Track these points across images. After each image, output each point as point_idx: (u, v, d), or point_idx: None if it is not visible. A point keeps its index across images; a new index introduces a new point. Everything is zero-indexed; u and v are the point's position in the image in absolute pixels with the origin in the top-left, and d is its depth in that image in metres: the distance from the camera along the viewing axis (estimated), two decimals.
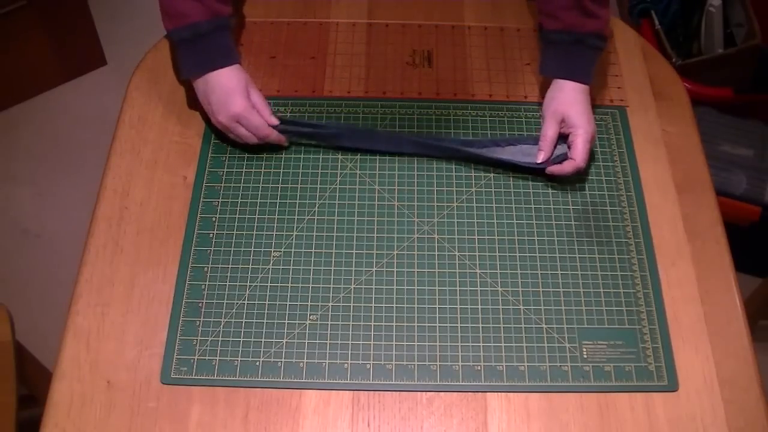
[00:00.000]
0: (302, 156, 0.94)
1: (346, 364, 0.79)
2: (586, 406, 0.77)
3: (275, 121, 0.92)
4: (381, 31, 1.07)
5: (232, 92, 0.89)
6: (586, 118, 0.91)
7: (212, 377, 0.78)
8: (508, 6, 1.09)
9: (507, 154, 0.92)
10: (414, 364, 0.79)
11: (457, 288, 0.84)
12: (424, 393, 0.78)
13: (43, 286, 1.63)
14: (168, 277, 0.84)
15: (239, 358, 0.79)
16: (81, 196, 1.72)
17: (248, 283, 0.84)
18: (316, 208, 0.89)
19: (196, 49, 0.90)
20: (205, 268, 0.85)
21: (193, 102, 0.98)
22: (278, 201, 0.90)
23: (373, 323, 0.81)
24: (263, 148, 0.93)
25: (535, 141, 0.92)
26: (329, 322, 0.82)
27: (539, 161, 0.90)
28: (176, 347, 0.80)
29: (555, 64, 0.94)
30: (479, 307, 0.83)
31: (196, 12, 0.89)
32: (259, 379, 0.78)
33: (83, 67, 1.97)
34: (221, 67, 0.90)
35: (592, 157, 0.93)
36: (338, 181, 0.92)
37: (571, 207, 0.90)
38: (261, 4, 1.09)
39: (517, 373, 0.79)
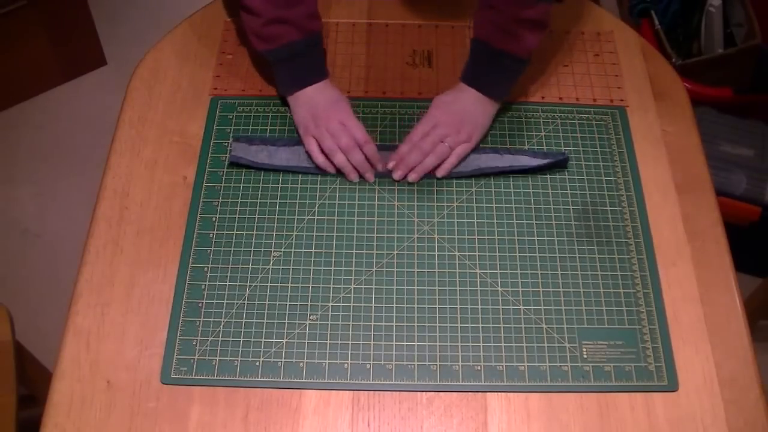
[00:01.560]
0: None
1: (346, 364, 0.79)
2: (586, 406, 0.77)
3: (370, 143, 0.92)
4: (381, 31, 1.07)
5: (337, 100, 0.94)
6: (471, 124, 0.92)
7: (212, 377, 0.78)
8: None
9: (506, 161, 0.92)
10: (414, 364, 0.79)
11: (457, 288, 0.84)
12: (424, 393, 0.78)
13: (43, 286, 1.63)
14: (168, 277, 0.84)
15: (239, 358, 0.79)
16: (81, 196, 1.72)
17: (248, 283, 0.84)
18: (316, 208, 0.89)
19: (292, 67, 0.94)
20: (205, 268, 0.85)
21: (194, 101, 0.98)
22: (278, 201, 0.90)
23: (373, 323, 0.81)
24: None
25: (534, 154, 0.93)
26: (329, 322, 0.81)
27: (402, 148, 0.91)
28: (176, 347, 0.80)
29: (466, 70, 0.95)
30: (479, 307, 0.83)
31: (288, 33, 0.91)
32: (259, 379, 0.78)
33: (83, 67, 1.97)
34: (318, 81, 0.94)
35: (592, 157, 0.94)
36: (338, 181, 0.92)
37: (571, 207, 0.90)
38: None
39: (517, 373, 0.79)
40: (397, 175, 0.91)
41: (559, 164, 0.92)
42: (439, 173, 0.91)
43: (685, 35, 1.78)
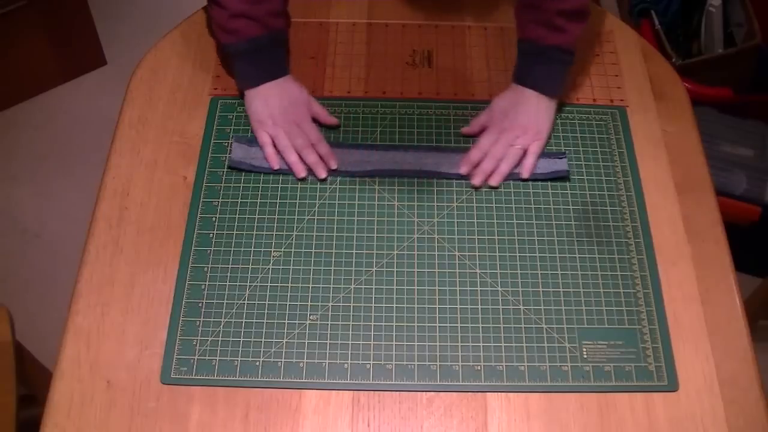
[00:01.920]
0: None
1: (346, 364, 0.79)
2: (586, 406, 0.77)
3: (331, 120, 0.95)
4: (381, 31, 1.07)
5: (294, 99, 0.94)
6: (536, 124, 0.92)
7: (212, 377, 0.78)
8: (508, 6, 1.09)
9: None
10: (414, 364, 0.79)
11: (457, 288, 0.84)
12: (424, 393, 0.78)
13: (43, 286, 1.63)
14: (168, 277, 0.84)
15: (239, 358, 0.79)
16: (81, 196, 1.72)
17: (248, 283, 0.84)
18: (316, 208, 0.89)
19: (253, 61, 0.94)
20: (205, 268, 0.85)
21: (194, 101, 0.98)
22: (278, 201, 0.90)
23: (373, 323, 0.81)
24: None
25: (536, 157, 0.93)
26: (329, 322, 0.82)
27: (473, 155, 0.92)
28: (176, 347, 0.80)
29: (520, 73, 0.95)
30: (479, 307, 0.83)
31: (251, 28, 0.92)
32: (259, 379, 0.78)
33: (83, 67, 1.97)
34: (277, 78, 0.94)
35: (592, 157, 0.94)
36: (338, 181, 0.92)
37: (571, 207, 0.90)
38: None
39: (517, 373, 0.79)
40: (476, 182, 0.91)
41: (560, 177, 0.92)
42: (524, 175, 0.92)
43: (685, 35, 1.78)
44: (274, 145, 0.93)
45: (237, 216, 0.89)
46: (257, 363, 0.79)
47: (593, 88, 1.01)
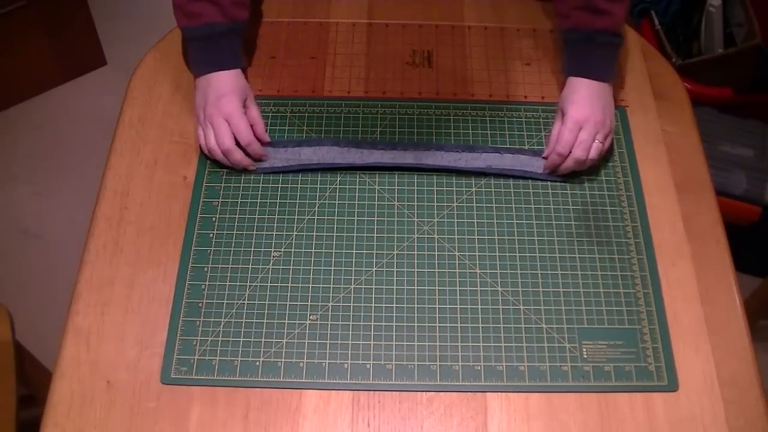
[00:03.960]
0: None
1: (346, 364, 0.79)
2: (586, 406, 0.77)
3: (267, 138, 0.93)
4: (381, 31, 1.07)
5: (230, 92, 0.91)
6: (588, 108, 0.90)
7: (212, 377, 0.78)
8: (508, 6, 1.09)
9: (506, 161, 0.92)
10: (414, 364, 0.79)
11: (457, 288, 0.84)
12: (424, 393, 0.78)
13: (43, 286, 1.63)
14: (168, 277, 0.84)
15: (239, 358, 0.79)
16: (81, 196, 1.72)
17: (248, 283, 0.84)
18: (316, 208, 0.89)
19: (205, 48, 0.93)
20: (205, 268, 0.85)
21: (194, 101, 0.98)
22: (278, 201, 0.90)
23: (373, 323, 0.81)
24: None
25: (534, 153, 0.93)
26: (329, 322, 0.81)
27: (543, 156, 0.92)
28: (176, 347, 0.80)
29: (569, 63, 0.95)
30: (479, 307, 0.83)
31: (211, 13, 0.91)
32: (259, 379, 0.78)
33: (83, 67, 1.97)
34: (227, 69, 0.92)
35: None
36: (338, 181, 0.92)
37: (571, 207, 0.90)
38: (261, 4, 1.09)
39: (517, 373, 0.79)
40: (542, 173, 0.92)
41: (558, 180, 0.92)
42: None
43: (685, 35, 1.78)
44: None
45: (237, 216, 0.89)
46: (257, 363, 0.79)
47: None
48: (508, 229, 0.88)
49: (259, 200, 0.90)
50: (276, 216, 0.89)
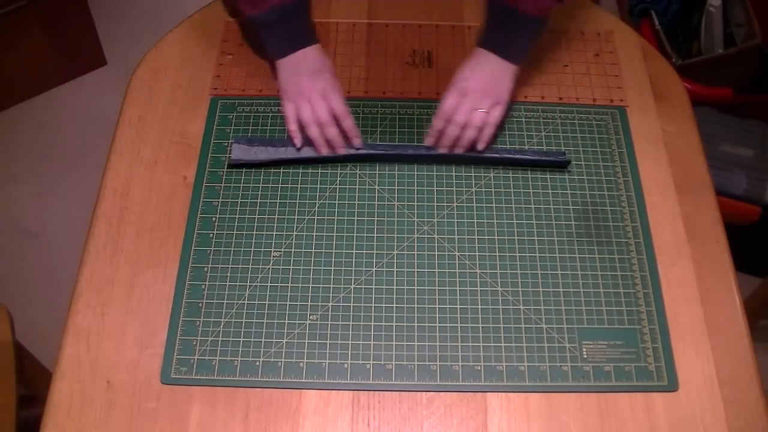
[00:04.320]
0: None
1: (346, 364, 0.79)
2: (586, 406, 0.77)
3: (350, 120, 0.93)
4: (381, 31, 1.07)
5: (324, 69, 0.93)
6: (474, 80, 0.91)
7: (212, 377, 0.78)
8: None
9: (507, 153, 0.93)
10: (414, 364, 0.79)
11: (457, 288, 0.84)
12: (424, 393, 0.78)
13: (43, 286, 1.63)
14: (168, 277, 0.84)
15: (239, 358, 0.79)
16: (81, 196, 1.72)
17: (248, 283, 0.84)
18: (316, 208, 0.89)
19: (280, 30, 0.93)
20: (205, 268, 0.85)
21: (194, 101, 0.98)
22: (278, 201, 0.90)
23: (373, 323, 0.81)
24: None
25: (534, 154, 0.93)
26: (329, 322, 0.82)
27: (437, 123, 0.92)
28: (176, 347, 0.80)
29: (482, 34, 0.94)
30: (479, 307, 0.83)
31: None
32: (259, 379, 0.78)
33: (83, 67, 1.97)
34: (306, 46, 0.93)
35: (592, 157, 0.94)
36: (338, 181, 0.92)
37: (571, 207, 0.90)
38: None
39: (517, 373, 0.79)
40: (443, 150, 0.91)
41: (560, 163, 0.92)
42: (480, 146, 0.92)
43: (685, 35, 1.78)
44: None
45: (237, 216, 0.89)
46: (257, 363, 0.79)
47: (593, 88, 1.01)
48: (508, 229, 0.88)
49: (259, 200, 0.90)
50: (276, 216, 0.89)
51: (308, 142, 0.93)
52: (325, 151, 0.92)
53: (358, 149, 0.92)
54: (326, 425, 0.76)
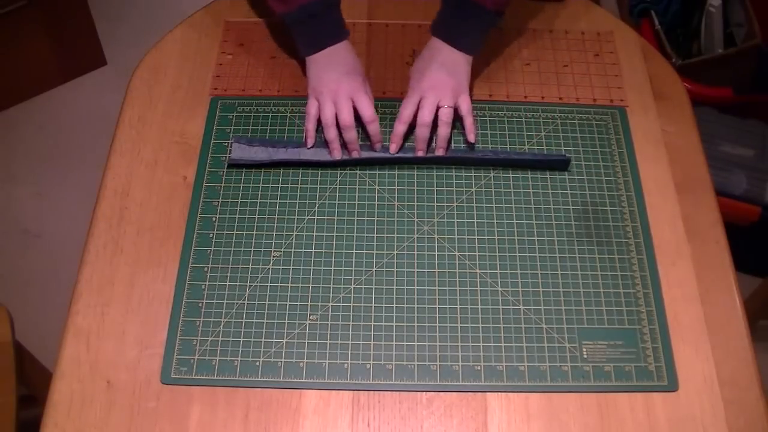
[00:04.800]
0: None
1: (346, 364, 0.79)
2: (586, 406, 0.77)
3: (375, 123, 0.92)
4: (381, 31, 1.07)
5: (354, 71, 0.92)
6: (431, 77, 0.91)
7: (212, 377, 0.78)
8: (508, 6, 1.09)
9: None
10: (414, 364, 0.79)
11: (457, 288, 0.84)
12: (424, 393, 0.78)
13: (43, 286, 1.63)
14: (168, 277, 0.84)
15: (239, 358, 0.79)
16: (81, 196, 1.73)
17: (248, 283, 0.84)
18: (316, 208, 0.89)
19: (311, 28, 0.93)
20: (205, 268, 0.85)
21: (194, 101, 0.98)
22: (278, 201, 0.90)
23: (373, 323, 0.81)
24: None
25: (534, 155, 0.92)
26: (329, 322, 0.82)
27: (397, 128, 0.91)
28: (176, 347, 0.80)
29: (436, 23, 0.94)
30: (479, 307, 0.83)
31: None
32: (259, 379, 0.78)
33: (83, 67, 1.97)
34: (336, 43, 0.93)
35: (592, 157, 0.94)
36: (338, 181, 0.92)
37: (571, 207, 0.90)
38: (261, 4, 1.09)
39: (517, 373, 0.79)
40: (420, 153, 0.91)
41: (560, 164, 0.92)
42: (470, 137, 0.92)
43: (685, 35, 1.78)
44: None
45: (237, 216, 0.89)
46: (257, 363, 0.79)
47: (593, 88, 1.01)
48: (508, 229, 0.88)
49: (259, 200, 0.90)
50: (276, 216, 0.89)
51: (318, 143, 0.93)
52: (337, 155, 0.91)
53: (376, 155, 0.92)
54: (326, 425, 0.76)
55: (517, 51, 1.05)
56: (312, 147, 0.92)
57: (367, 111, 0.91)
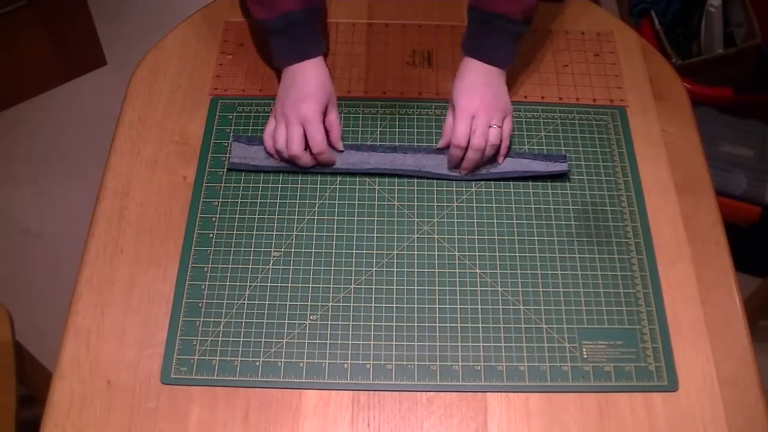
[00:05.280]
0: None
1: (346, 364, 0.79)
2: (586, 406, 0.77)
3: (340, 146, 0.92)
4: (381, 31, 1.07)
5: (312, 96, 0.90)
6: (477, 95, 0.90)
7: (212, 377, 0.78)
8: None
9: (506, 164, 0.92)
10: (414, 364, 0.79)
11: (457, 288, 0.84)
12: (424, 393, 0.78)
13: (43, 286, 1.63)
14: (168, 277, 0.84)
15: (239, 358, 0.79)
16: (81, 196, 1.73)
17: (248, 283, 0.84)
18: (316, 208, 0.89)
19: (287, 39, 0.92)
20: (205, 268, 0.85)
21: (194, 101, 0.98)
22: (278, 201, 0.90)
23: (373, 323, 0.81)
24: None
25: (534, 155, 0.92)
26: (329, 322, 0.82)
27: (438, 147, 0.92)
28: (176, 347, 0.80)
29: (466, 42, 0.94)
30: (479, 307, 0.83)
31: (288, 2, 0.90)
32: (259, 379, 0.78)
33: (83, 67, 1.97)
34: (310, 57, 0.92)
35: (592, 157, 0.94)
36: (338, 181, 0.92)
37: (571, 207, 0.90)
38: None
39: (517, 373, 0.79)
40: (464, 173, 0.91)
41: (558, 175, 0.92)
42: (501, 160, 0.92)
43: (685, 35, 1.78)
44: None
45: (237, 216, 0.89)
46: (257, 363, 0.79)
47: (593, 88, 1.01)
48: (508, 229, 0.88)
49: (259, 200, 0.90)
50: (276, 216, 0.89)
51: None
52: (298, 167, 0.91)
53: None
54: (326, 425, 0.76)
55: (517, 51, 1.04)
56: (279, 163, 0.92)
57: (315, 141, 0.89)
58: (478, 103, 0.90)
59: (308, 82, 0.91)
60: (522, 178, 0.92)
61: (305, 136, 0.90)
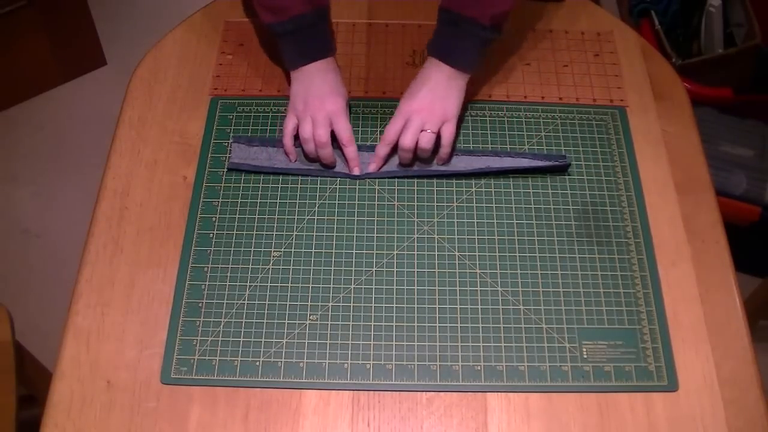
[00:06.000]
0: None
1: (346, 364, 0.79)
2: (586, 406, 0.77)
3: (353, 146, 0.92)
4: (381, 31, 1.07)
5: (335, 92, 0.92)
6: (417, 99, 0.90)
7: (212, 377, 0.78)
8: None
9: (506, 163, 0.92)
10: (414, 364, 0.79)
11: (457, 288, 0.84)
12: (424, 393, 0.78)
13: (43, 286, 1.63)
14: (168, 277, 0.84)
15: (239, 358, 0.79)
16: (81, 196, 1.73)
17: (248, 283, 0.84)
18: (316, 208, 0.89)
19: (297, 41, 0.92)
20: (205, 268, 0.85)
21: (194, 101, 0.98)
22: (278, 201, 0.90)
23: (373, 323, 0.81)
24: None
25: (534, 155, 0.92)
26: (329, 322, 0.82)
27: (380, 150, 0.91)
28: (176, 347, 0.80)
29: (432, 40, 0.93)
30: (479, 307, 0.83)
31: (296, 5, 0.90)
32: (259, 379, 0.78)
33: (83, 67, 1.97)
34: (321, 59, 0.92)
35: (592, 157, 0.94)
36: (338, 181, 0.92)
37: (571, 207, 0.90)
38: None
39: (517, 373, 0.79)
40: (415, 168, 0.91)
41: (560, 168, 0.92)
42: (440, 162, 0.92)
43: (685, 35, 1.78)
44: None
45: (237, 216, 0.89)
46: (257, 363, 0.79)
47: (593, 88, 1.01)
48: (508, 229, 0.88)
49: (259, 200, 0.90)
50: (276, 216, 0.89)
51: (303, 157, 0.93)
52: (320, 166, 0.92)
53: (355, 177, 0.92)
54: (326, 425, 0.76)
55: (517, 51, 1.05)
56: (296, 161, 0.92)
57: (345, 134, 0.91)
58: (415, 106, 0.90)
59: (329, 80, 0.93)
60: (522, 176, 0.92)
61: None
